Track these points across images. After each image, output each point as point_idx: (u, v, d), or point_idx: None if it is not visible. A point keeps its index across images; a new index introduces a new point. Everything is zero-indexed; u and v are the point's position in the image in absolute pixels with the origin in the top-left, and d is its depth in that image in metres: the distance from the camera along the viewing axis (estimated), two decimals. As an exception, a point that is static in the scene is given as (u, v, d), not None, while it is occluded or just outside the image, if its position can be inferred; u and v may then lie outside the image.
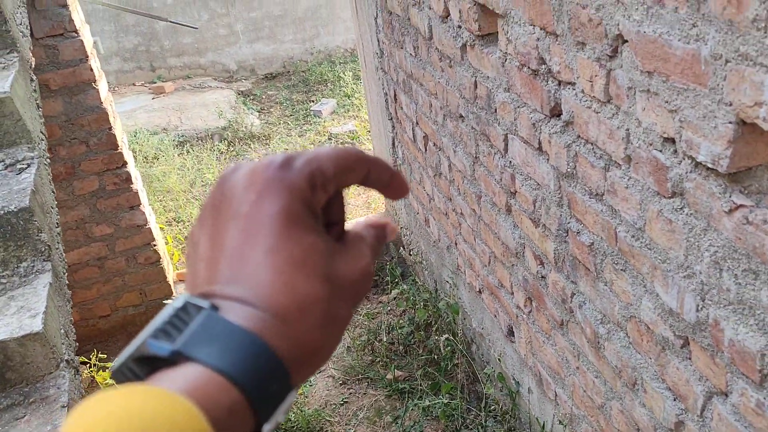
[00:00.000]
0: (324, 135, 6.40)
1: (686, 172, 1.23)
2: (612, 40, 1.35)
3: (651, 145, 1.32)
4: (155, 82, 7.87)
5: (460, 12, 2.14)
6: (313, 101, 7.27)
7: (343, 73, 7.46)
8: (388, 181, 0.44)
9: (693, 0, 1.09)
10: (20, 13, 2.17)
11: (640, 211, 1.41)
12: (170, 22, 7.10)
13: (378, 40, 3.35)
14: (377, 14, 3.23)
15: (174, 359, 0.33)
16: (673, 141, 1.24)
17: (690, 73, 1.14)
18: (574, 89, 1.57)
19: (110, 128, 3.29)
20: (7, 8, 2.02)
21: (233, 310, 0.35)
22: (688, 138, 1.19)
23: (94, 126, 3.25)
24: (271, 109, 7.28)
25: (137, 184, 3.57)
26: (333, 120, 6.73)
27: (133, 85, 7.93)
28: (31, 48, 2.22)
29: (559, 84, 1.65)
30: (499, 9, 1.85)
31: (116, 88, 7.71)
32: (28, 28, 2.19)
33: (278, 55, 8.22)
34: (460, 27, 2.19)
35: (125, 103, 7.24)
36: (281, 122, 6.85)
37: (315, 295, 0.37)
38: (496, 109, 2.07)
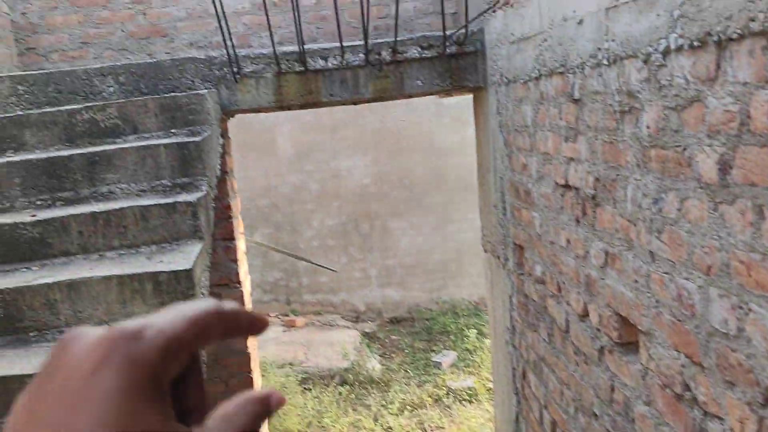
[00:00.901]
0: (442, 388, 6.37)
1: None
2: (764, 390, 1.37)
3: None
4: (288, 315, 8.36)
5: (599, 317, 2.23)
6: (434, 351, 7.36)
7: (467, 328, 7.59)
8: (247, 328, 0.41)
9: None
10: (205, 276, 2.50)
11: None
12: (312, 263, 7.72)
13: (511, 317, 3.47)
14: (512, 293, 3.38)
15: None
16: None
17: None
18: (723, 425, 1.55)
19: (250, 371, 3.51)
20: (196, 273, 2.35)
21: None
22: None
23: (236, 368, 3.48)
24: (393, 354, 7.43)
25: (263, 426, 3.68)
26: (452, 373, 6.73)
27: (268, 315, 8.45)
28: (206, 305, 2.50)
29: (705, 414, 1.63)
30: (642, 326, 1.92)
31: (252, 317, 8.25)
32: (208, 288, 2.50)
33: (405, 301, 8.58)
34: (598, 330, 2.26)
35: (258, 332, 7.68)
36: (401, 369, 6.93)
37: None
38: (633, 419, 2.05)
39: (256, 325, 0.41)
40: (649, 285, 1.84)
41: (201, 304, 0.38)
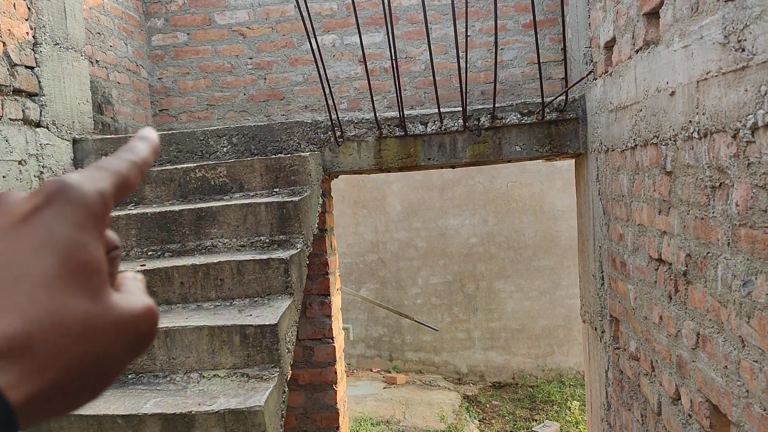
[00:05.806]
0: (542, 462, 6.09)
1: None
2: None
3: None
4: (390, 372, 8.36)
5: (691, 402, 2.10)
6: (536, 420, 7.07)
7: (572, 399, 7.25)
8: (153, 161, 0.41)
9: None
10: (291, 332, 2.59)
11: None
12: (415, 321, 7.72)
13: (606, 392, 3.31)
14: (608, 368, 3.24)
15: None
16: None
17: None
18: None
19: (338, 428, 3.54)
20: (282, 328, 2.44)
21: None
22: None
23: (325, 423, 3.53)
24: (493, 421, 7.21)
25: (348, 485, 3.68)
26: (554, 447, 6.43)
27: (370, 370, 8.49)
28: (291, 359, 2.59)
29: None
30: (732, 416, 1.78)
31: (354, 371, 8.32)
32: (293, 344, 2.59)
33: (509, 365, 8.35)
34: (690, 416, 2.12)
35: (359, 387, 7.73)
36: (500, 437, 6.71)
37: (77, 310, 0.31)
38: None
39: (155, 153, 0.41)
40: (739, 373, 1.72)
41: (119, 163, 0.37)
